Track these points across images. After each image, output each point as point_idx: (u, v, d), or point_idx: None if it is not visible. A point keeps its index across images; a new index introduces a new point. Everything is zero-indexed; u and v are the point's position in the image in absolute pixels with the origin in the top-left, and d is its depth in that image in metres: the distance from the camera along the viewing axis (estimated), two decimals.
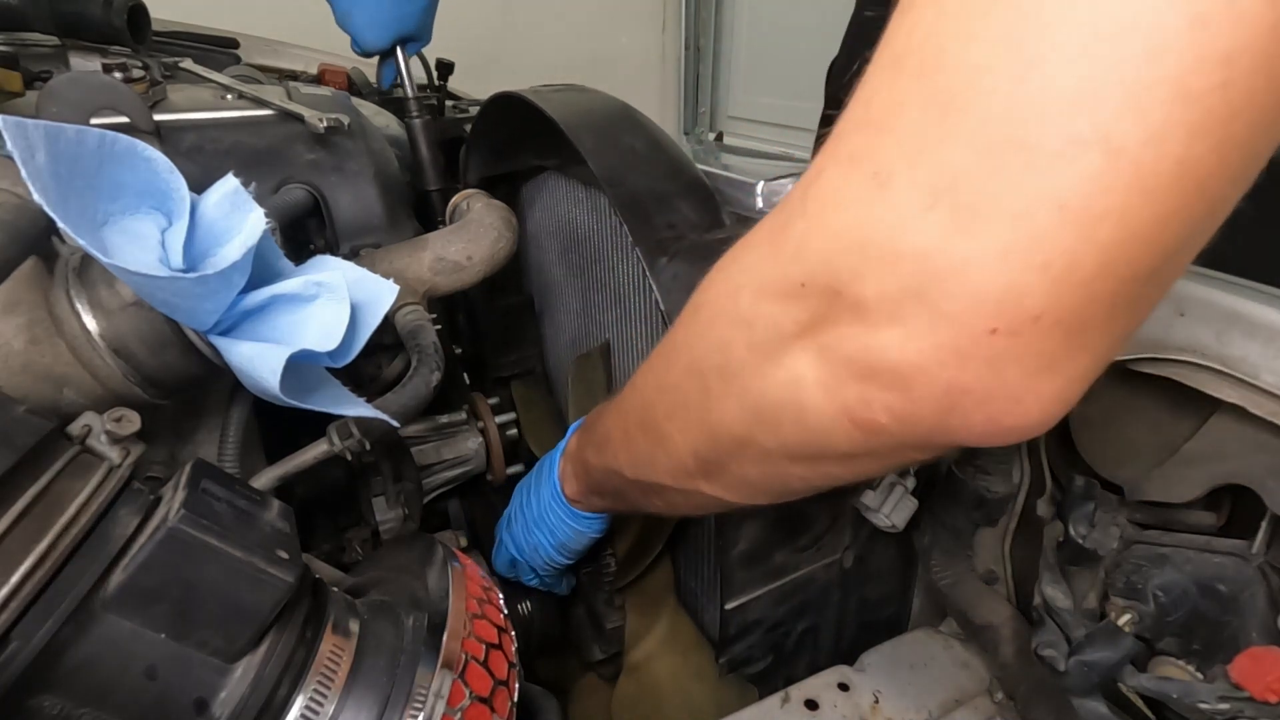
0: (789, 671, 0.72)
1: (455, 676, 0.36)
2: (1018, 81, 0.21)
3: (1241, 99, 0.20)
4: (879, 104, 0.25)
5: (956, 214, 0.23)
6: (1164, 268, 0.23)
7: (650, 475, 0.46)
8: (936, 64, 0.23)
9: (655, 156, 0.64)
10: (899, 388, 0.26)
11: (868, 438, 0.29)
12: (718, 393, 0.36)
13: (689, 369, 0.38)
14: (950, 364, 0.25)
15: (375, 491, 0.67)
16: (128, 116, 0.53)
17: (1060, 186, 0.21)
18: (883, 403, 0.27)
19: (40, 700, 0.29)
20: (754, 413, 0.34)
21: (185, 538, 0.30)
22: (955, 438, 0.27)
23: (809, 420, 0.31)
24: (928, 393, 0.26)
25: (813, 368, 0.29)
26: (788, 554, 0.65)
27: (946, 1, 0.23)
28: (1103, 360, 0.25)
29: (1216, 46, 0.19)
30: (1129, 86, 0.20)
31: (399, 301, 0.54)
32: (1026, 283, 0.22)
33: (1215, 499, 0.48)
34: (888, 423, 0.28)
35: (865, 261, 0.25)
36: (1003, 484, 0.59)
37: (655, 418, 0.43)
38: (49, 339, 0.42)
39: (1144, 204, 0.21)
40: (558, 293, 0.89)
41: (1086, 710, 0.51)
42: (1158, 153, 0.20)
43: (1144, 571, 0.49)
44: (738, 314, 0.33)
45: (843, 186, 0.26)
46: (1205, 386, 0.43)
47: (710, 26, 2.26)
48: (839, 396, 0.29)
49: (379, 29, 0.79)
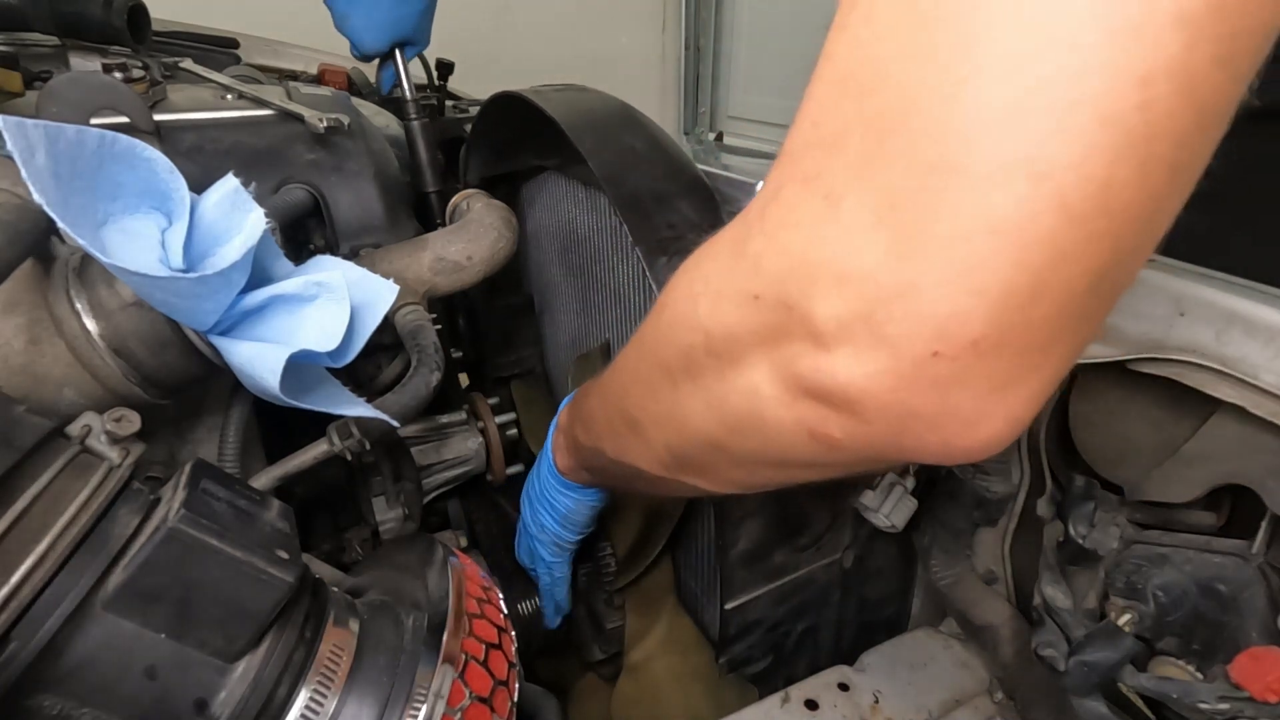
0: (789, 672, 0.72)
1: (455, 676, 0.36)
2: (947, 104, 0.21)
3: (1161, 120, 0.20)
4: (828, 125, 0.26)
5: (898, 237, 0.23)
6: (1101, 285, 0.23)
7: (629, 460, 0.46)
8: (875, 85, 0.23)
9: (655, 156, 0.64)
10: (850, 410, 0.27)
11: (828, 451, 0.29)
12: (685, 391, 0.36)
13: (659, 365, 0.38)
14: (897, 388, 0.25)
15: (375, 491, 0.67)
16: (128, 116, 0.53)
17: (991, 211, 0.21)
18: (836, 422, 0.27)
19: (40, 700, 0.29)
20: (719, 416, 0.34)
21: (185, 538, 0.30)
22: (912, 457, 0.28)
23: (769, 430, 0.31)
24: (878, 415, 0.26)
25: (768, 381, 0.30)
26: (787, 554, 0.65)
27: (880, 20, 0.23)
28: (1054, 377, 0.26)
29: (1134, 68, 0.19)
30: (1052, 109, 0.20)
31: (399, 301, 0.54)
32: (965, 308, 0.23)
33: (1215, 499, 0.48)
34: (843, 439, 0.28)
35: (816, 281, 0.26)
36: (1003, 484, 0.59)
37: (630, 406, 0.43)
38: (49, 339, 0.42)
39: (1072, 226, 0.21)
40: (557, 293, 0.89)
41: (1086, 710, 0.51)
42: (1081, 175, 0.21)
43: (1144, 571, 0.49)
44: (696, 320, 0.33)
45: (797, 205, 0.27)
46: (1205, 386, 0.43)
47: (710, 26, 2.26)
48: (794, 411, 0.29)
49: (376, 33, 0.79)
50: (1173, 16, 0.19)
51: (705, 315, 0.32)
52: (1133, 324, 0.48)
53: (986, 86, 0.21)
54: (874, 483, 0.61)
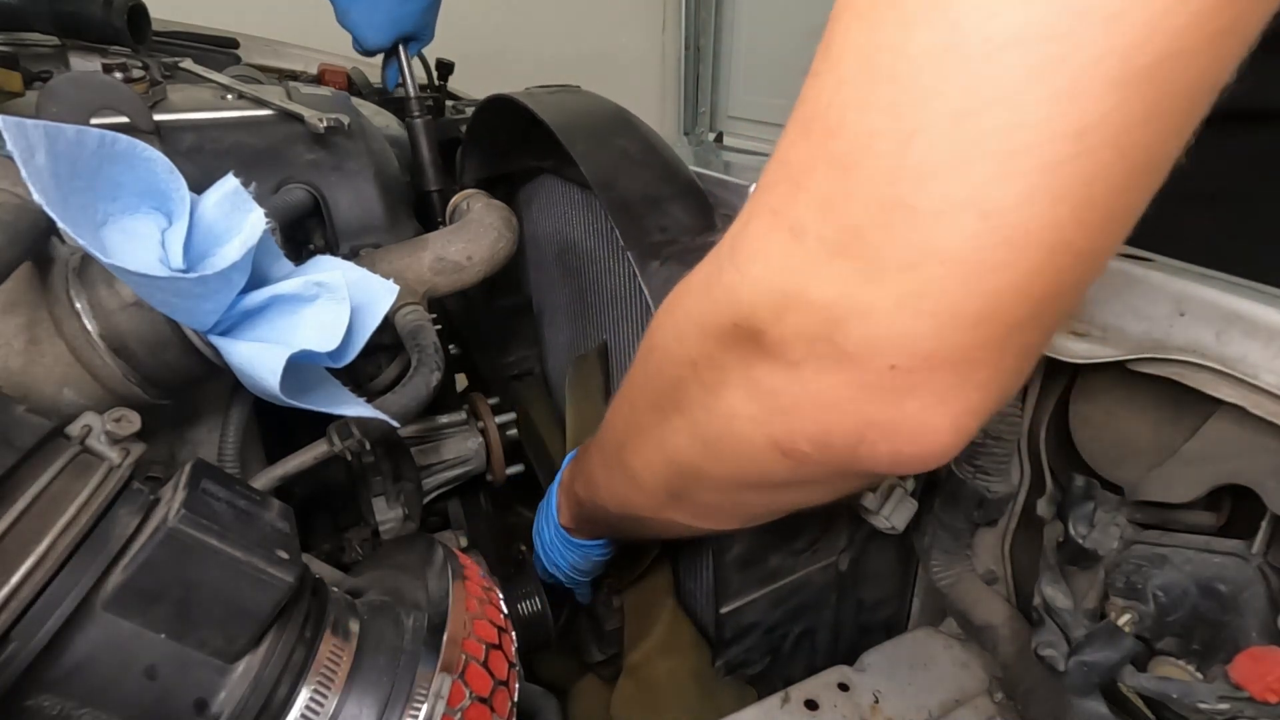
0: (787, 674, 0.72)
1: (455, 676, 0.36)
2: (902, 149, 0.24)
3: (1095, 168, 0.22)
4: (794, 162, 0.28)
5: (859, 265, 0.25)
6: (1042, 314, 0.26)
7: (630, 509, 0.49)
8: (837, 129, 0.26)
9: (648, 160, 0.64)
10: (813, 421, 0.29)
11: (797, 467, 0.32)
12: (674, 427, 0.39)
13: (651, 405, 0.41)
14: (856, 398, 0.28)
15: (375, 491, 0.67)
16: (128, 116, 0.53)
17: (943, 244, 0.24)
18: (803, 434, 0.30)
19: (40, 700, 0.29)
20: (703, 444, 0.37)
21: (185, 538, 0.30)
22: (866, 466, 0.30)
23: (744, 451, 0.34)
24: (839, 425, 0.29)
25: (744, 403, 0.32)
26: (783, 557, 0.65)
27: (844, 71, 0.25)
28: (994, 397, 0.28)
29: (1068, 122, 0.21)
30: (996, 156, 0.22)
31: (399, 302, 0.54)
32: (918, 327, 0.25)
33: (1215, 499, 0.48)
34: (810, 451, 0.30)
35: (784, 308, 0.28)
36: (1003, 484, 0.59)
37: (626, 455, 0.46)
38: (49, 339, 0.42)
39: (1016, 259, 0.24)
40: (555, 294, 0.89)
41: (1086, 710, 0.51)
42: (1024, 214, 0.23)
43: (1144, 571, 0.49)
44: (684, 354, 0.35)
45: (765, 237, 0.29)
46: (1205, 386, 0.43)
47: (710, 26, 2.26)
48: (766, 429, 0.32)
49: (379, 27, 0.79)
50: (1106, 79, 0.21)
51: (691, 347, 0.35)
52: (1133, 324, 0.48)
53: (937, 135, 0.23)
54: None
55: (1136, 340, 0.47)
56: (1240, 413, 0.42)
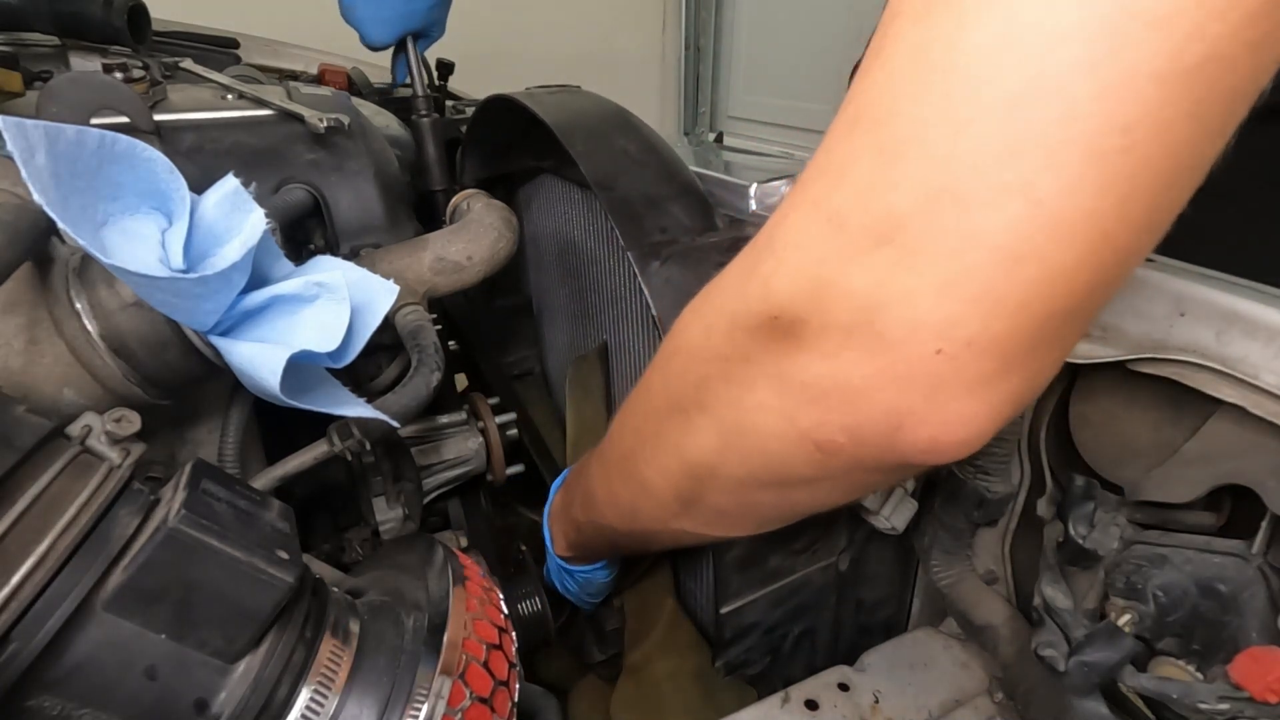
0: (787, 674, 0.72)
1: (456, 677, 0.36)
2: (954, 137, 0.24)
3: (1139, 162, 0.23)
4: (838, 154, 0.28)
5: (901, 252, 0.26)
6: (1080, 307, 0.26)
7: (637, 524, 0.49)
8: (886, 120, 0.26)
9: (648, 160, 0.64)
10: (850, 409, 0.29)
11: (826, 459, 0.32)
12: (694, 427, 0.38)
13: (669, 409, 0.41)
14: (894, 385, 0.28)
15: (375, 491, 0.67)
16: (128, 116, 0.53)
17: (990, 230, 0.24)
18: (837, 423, 0.30)
19: (40, 700, 0.29)
20: (726, 442, 0.37)
21: (185, 538, 0.30)
22: (901, 455, 0.30)
23: (771, 445, 0.34)
24: (876, 412, 0.29)
25: (775, 395, 0.32)
26: (783, 557, 0.65)
27: (894, 66, 0.26)
28: (1029, 387, 0.28)
29: (1117, 116, 0.22)
30: (1047, 145, 0.23)
31: (399, 302, 0.54)
32: (961, 312, 0.26)
33: (1215, 499, 0.48)
34: (844, 442, 0.31)
35: (822, 297, 0.28)
36: (1003, 484, 0.59)
37: (635, 466, 0.46)
38: (49, 339, 0.42)
39: (1060, 248, 0.24)
40: (555, 294, 0.89)
41: (1086, 710, 0.51)
42: (1071, 203, 0.23)
43: (1144, 572, 0.49)
44: (713, 350, 0.35)
45: (804, 228, 0.29)
46: (1205, 386, 0.43)
47: (710, 26, 2.26)
48: (798, 421, 0.32)
49: (386, 23, 0.78)
50: (1153, 76, 0.22)
51: (722, 342, 0.34)
52: (1133, 324, 0.48)
53: (990, 125, 0.24)
54: None
55: (1136, 340, 0.47)
56: (1240, 413, 0.42)
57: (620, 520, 0.51)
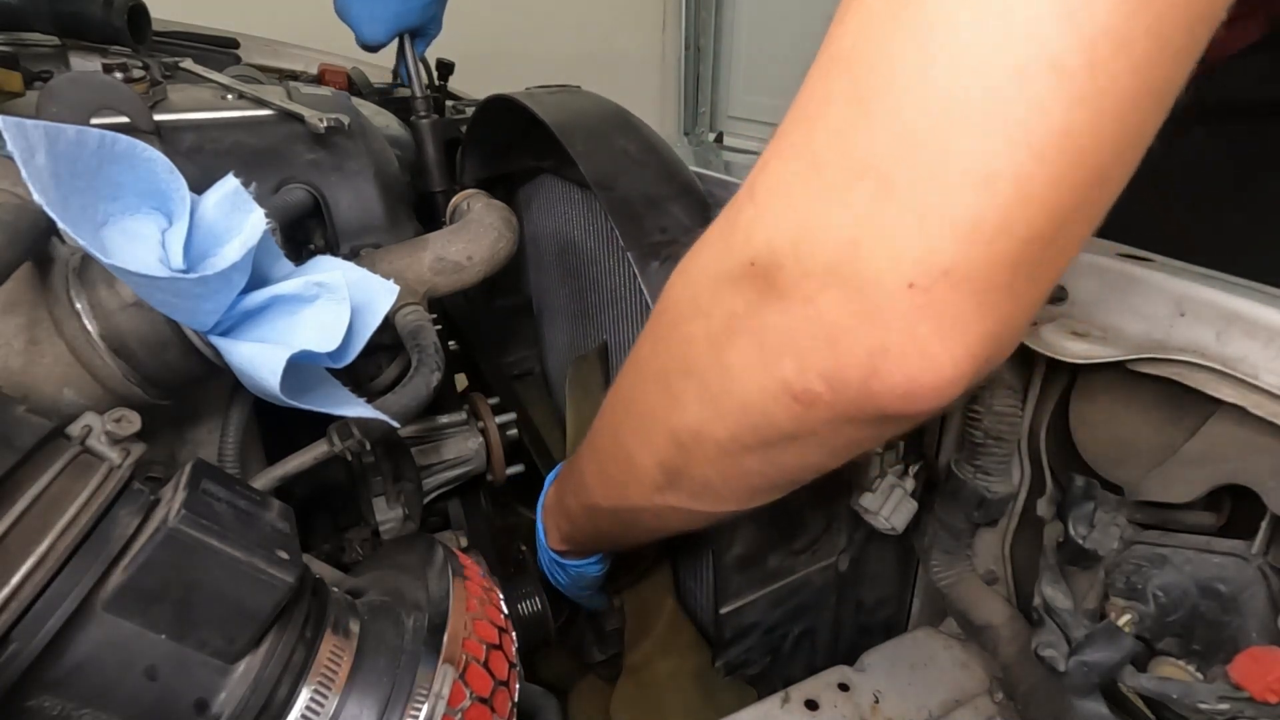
0: (787, 674, 0.72)
1: (456, 677, 0.36)
2: (923, 70, 0.25)
3: (1106, 78, 0.24)
4: (813, 100, 0.29)
5: (878, 187, 0.26)
6: (1058, 235, 0.26)
7: (624, 500, 0.49)
8: (859, 61, 0.27)
9: (648, 160, 0.64)
10: (828, 353, 0.29)
11: (805, 411, 0.32)
12: (678, 392, 0.38)
13: (655, 376, 0.41)
14: (871, 324, 0.28)
15: (375, 491, 0.67)
16: (128, 116, 0.53)
17: (963, 155, 0.25)
18: (816, 370, 0.30)
19: (40, 700, 0.29)
20: (709, 403, 0.37)
21: (185, 538, 0.30)
22: (880, 402, 0.30)
23: (753, 401, 0.34)
24: (853, 355, 0.29)
25: (755, 348, 0.32)
26: (783, 558, 0.65)
27: (868, 11, 0.27)
28: (1006, 329, 0.28)
29: (1080, 33, 0.23)
30: (1013, 64, 0.24)
31: (399, 302, 0.54)
32: (938, 241, 0.26)
33: (1215, 499, 0.48)
34: (822, 391, 0.30)
35: (801, 240, 0.29)
36: (1003, 484, 0.59)
37: (623, 439, 0.46)
38: (49, 339, 0.42)
39: (1035, 168, 0.24)
40: (555, 294, 0.89)
41: (1086, 711, 0.51)
42: (1042, 123, 0.24)
43: (1144, 572, 0.49)
44: (697, 308, 0.36)
45: (783, 174, 0.30)
46: (1205, 386, 0.43)
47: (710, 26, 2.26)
48: (777, 371, 0.31)
49: (380, 21, 0.77)
50: None
51: (706, 299, 0.35)
52: (1133, 324, 0.48)
53: (956, 53, 0.24)
54: (873, 485, 0.61)
55: (1136, 340, 0.47)
56: (1240, 413, 0.42)
57: (608, 499, 0.51)
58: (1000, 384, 0.56)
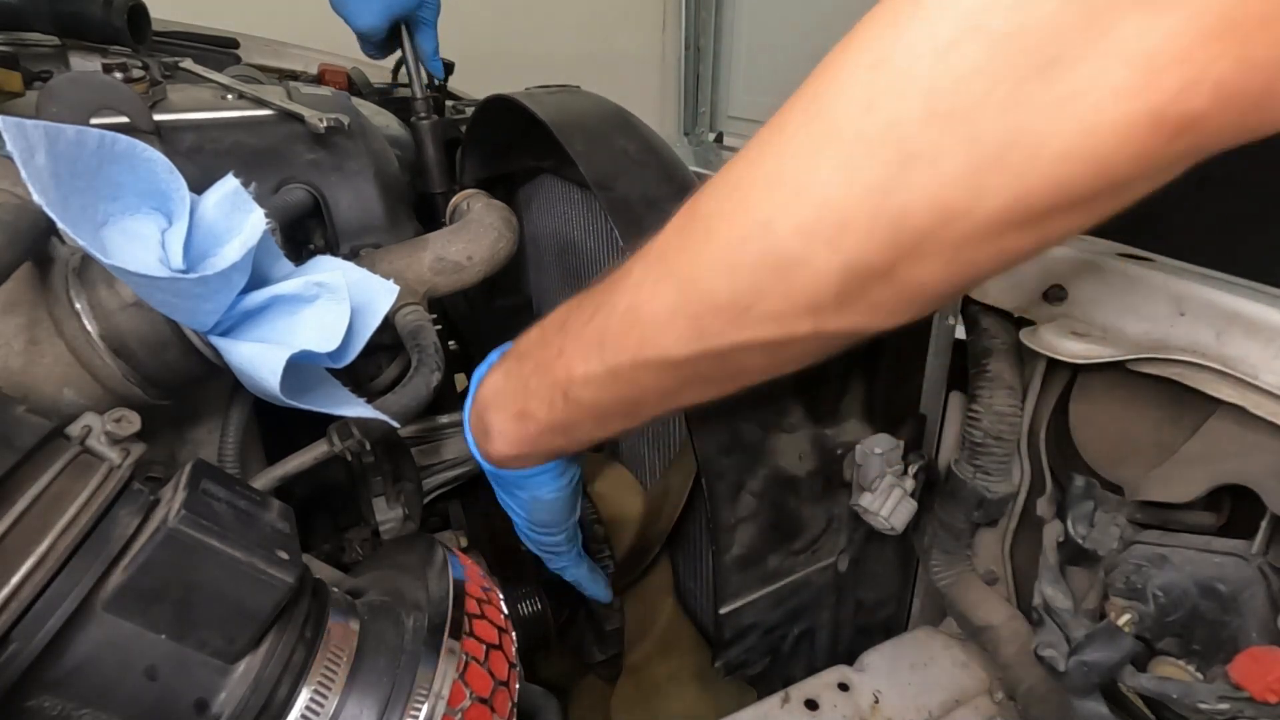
0: (787, 674, 0.72)
1: (456, 677, 0.36)
2: None
3: None
4: None
5: None
6: None
7: (713, 339, 0.35)
8: None
9: (648, 160, 0.64)
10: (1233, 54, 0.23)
11: (1169, 140, 0.24)
12: (920, 148, 0.29)
13: (858, 137, 0.30)
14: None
15: (375, 491, 0.67)
16: (128, 116, 0.53)
17: None
18: (1212, 79, 0.23)
19: (40, 700, 0.29)
20: (979, 164, 0.27)
21: (185, 538, 0.30)
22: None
23: (1082, 145, 0.25)
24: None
25: (1109, 71, 0.25)
26: (783, 558, 0.65)
27: None
28: None
29: None
30: None
31: (399, 302, 0.54)
32: None
33: (1215, 499, 0.48)
34: (1207, 107, 0.23)
35: None
36: (1003, 484, 0.59)
37: (777, 241, 0.32)
38: (49, 339, 0.42)
39: None
40: (555, 294, 0.89)
41: (1086, 710, 0.51)
42: None
43: (1144, 571, 0.49)
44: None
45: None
46: (1205, 386, 0.43)
47: (710, 26, 2.25)
48: (1146, 95, 0.24)
49: (372, 11, 0.76)
50: None
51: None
52: (1133, 324, 0.48)
53: None
54: (873, 485, 0.61)
55: (1136, 340, 0.47)
56: (1240, 413, 0.42)
57: (678, 343, 0.36)
58: (1000, 384, 0.56)
